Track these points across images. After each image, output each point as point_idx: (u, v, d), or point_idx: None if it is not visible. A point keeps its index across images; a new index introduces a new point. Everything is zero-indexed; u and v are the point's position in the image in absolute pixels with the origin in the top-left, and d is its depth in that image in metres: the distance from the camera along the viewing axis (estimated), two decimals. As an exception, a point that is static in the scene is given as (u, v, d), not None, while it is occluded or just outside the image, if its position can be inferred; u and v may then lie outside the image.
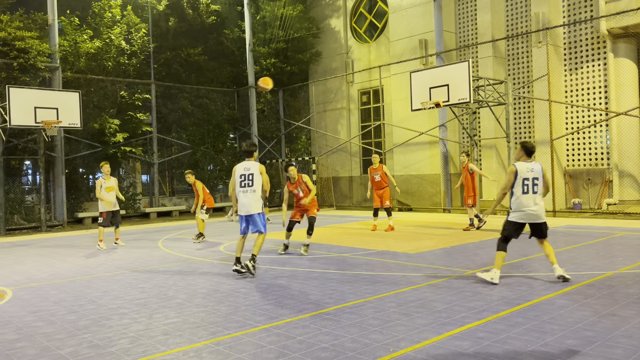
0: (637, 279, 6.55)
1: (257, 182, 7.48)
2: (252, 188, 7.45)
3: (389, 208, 12.83)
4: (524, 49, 17.28)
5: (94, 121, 18.57)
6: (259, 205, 7.48)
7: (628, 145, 15.47)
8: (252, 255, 7.56)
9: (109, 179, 11.51)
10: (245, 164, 7.59)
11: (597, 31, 15.52)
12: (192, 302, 6.17)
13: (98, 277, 8.10)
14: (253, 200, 7.46)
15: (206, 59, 22.10)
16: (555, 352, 4.06)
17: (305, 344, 4.48)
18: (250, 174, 7.49)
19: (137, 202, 20.50)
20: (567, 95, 16.38)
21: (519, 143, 6.82)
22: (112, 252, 10.80)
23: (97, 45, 18.51)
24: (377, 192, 12.77)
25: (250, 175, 7.47)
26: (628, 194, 15.59)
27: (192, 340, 4.72)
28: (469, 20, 18.62)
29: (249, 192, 7.48)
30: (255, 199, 7.46)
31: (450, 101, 14.28)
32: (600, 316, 4.97)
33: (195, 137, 21.90)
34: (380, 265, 8.16)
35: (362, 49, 21.53)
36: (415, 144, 18.78)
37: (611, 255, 8.23)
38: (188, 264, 8.98)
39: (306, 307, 5.72)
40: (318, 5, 23.03)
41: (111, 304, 6.24)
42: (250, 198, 7.46)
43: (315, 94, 23.09)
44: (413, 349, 4.25)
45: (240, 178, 7.55)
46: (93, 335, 5.02)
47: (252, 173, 7.49)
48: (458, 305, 5.55)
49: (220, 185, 23.74)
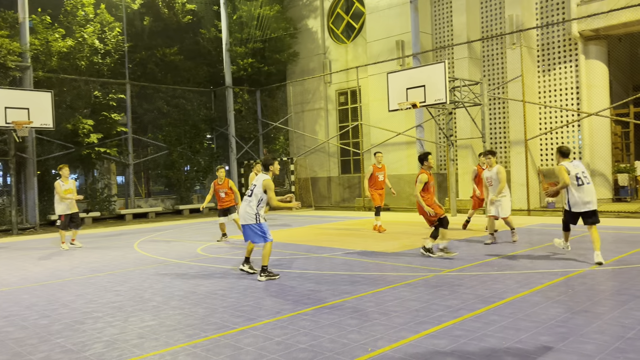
0: (608, 276, 6.70)
1: (255, 195, 7.36)
2: (249, 199, 7.37)
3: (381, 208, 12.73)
4: (499, 51, 17.54)
5: (66, 121, 18.22)
6: (252, 216, 7.28)
7: (599, 145, 15.83)
8: (262, 267, 7.32)
9: (67, 182, 11.60)
10: (258, 176, 7.56)
11: (569, 33, 15.84)
12: (169, 305, 6.09)
13: (71, 280, 7.94)
14: (245, 210, 7.35)
15: (182, 58, 21.88)
16: (529, 349, 4.13)
17: (283, 345, 4.47)
18: (254, 185, 7.46)
19: (112, 204, 20.18)
20: (540, 96, 16.68)
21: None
22: (86, 255, 10.61)
23: (69, 44, 18.16)
24: (379, 192, 12.54)
25: (253, 186, 7.44)
26: (599, 192, 15.91)
27: (168, 344, 4.66)
28: (444, 21, 18.82)
29: (245, 202, 7.41)
30: (248, 209, 7.31)
31: (426, 102, 14.40)
32: (573, 313, 5.06)
33: (172, 138, 21.66)
34: (359, 265, 8.18)
35: (339, 50, 21.58)
36: (393, 144, 18.90)
37: (583, 252, 8.40)
38: (164, 266, 8.87)
39: (284, 308, 5.70)
40: (295, 6, 23.00)
41: (85, 308, 6.12)
42: (244, 208, 7.38)
43: (293, 94, 23.06)
44: (391, 348, 4.27)
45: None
46: (66, 340, 4.92)
47: (255, 185, 7.44)
48: (435, 304, 5.60)
49: (197, 186, 23.53)
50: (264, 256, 7.30)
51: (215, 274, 7.94)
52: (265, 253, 7.30)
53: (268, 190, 7.29)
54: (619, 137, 17.37)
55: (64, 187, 11.54)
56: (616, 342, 4.20)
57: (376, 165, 12.61)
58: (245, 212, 7.33)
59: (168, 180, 22.39)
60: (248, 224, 7.33)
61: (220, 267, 8.47)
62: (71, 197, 11.51)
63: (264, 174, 7.47)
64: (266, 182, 7.29)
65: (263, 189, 7.31)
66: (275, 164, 7.66)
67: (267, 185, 7.29)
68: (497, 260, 8.06)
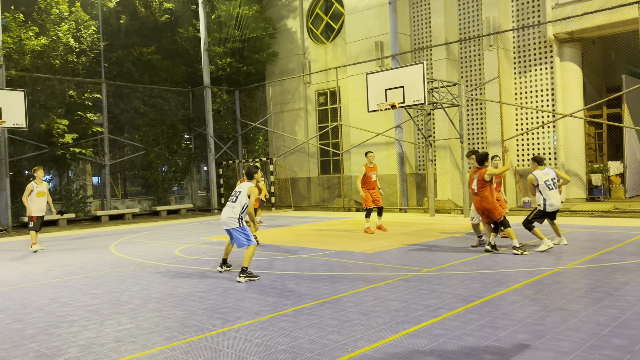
0: (583, 274, 6.82)
1: (239, 201, 7.59)
2: (233, 204, 7.60)
3: (382, 208, 12.54)
4: (476, 52, 17.76)
5: (40, 121, 17.85)
6: (234, 220, 7.51)
7: (573, 145, 16.14)
8: (242, 267, 7.34)
9: (41, 184, 11.60)
10: (242, 184, 7.88)
11: (545, 36, 16.12)
12: (146, 307, 6.01)
13: (46, 283, 7.77)
14: (228, 215, 7.56)
15: (160, 58, 21.64)
16: (507, 347, 4.17)
17: (263, 347, 4.44)
18: (239, 192, 7.72)
19: (87, 205, 19.84)
20: (517, 97, 16.93)
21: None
22: (60, 257, 10.40)
23: (43, 43, 17.80)
24: (371, 192, 12.23)
25: (238, 193, 7.69)
26: (574, 192, 16.27)
27: (146, 347, 4.58)
28: (423, 23, 18.97)
29: (228, 208, 7.63)
30: (231, 214, 7.54)
31: (405, 102, 14.49)
32: (549, 311, 5.14)
33: (149, 138, 21.39)
34: (339, 265, 8.19)
35: (318, 50, 21.59)
36: (372, 144, 18.97)
37: (559, 251, 8.54)
38: (142, 268, 8.75)
39: (264, 310, 5.66)
40: (274, 6, 22.94)
41: (60, 312, 6.00)
42: (227, 213, 7.58)
43: (273, 94, 22.99)
44: (371, 348, 4.27)
45: (232, 194, 7.85)
46: (40, 344, 4.81)
47: (240, 191, 7.70)
48: (414, 303, 5.63)
49: (174, 187, 23.28)
50: (245, 258, 7.34)
51: (194, 275, 7.86)
52: (247, 255, 7.36)
53: (252, 196, 7.61)
54: (592, 138, 17.75)
55: (37, 190, 11.45)
56: (591, 339, 4.28)
57: (368, 165, 12.29)
58: (229, 217, 7.54)
59: (145, 181, 22.10)
60: (233, 228, 7.53)
61: (198, 269, 8.39)
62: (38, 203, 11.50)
63: (249, 182, 7.87)
64: (252, 189, 7.64)
65: (248, 194, 7.59)
66: (259, 172, 8.17)
67: (253, 192, 7.63)
68: (476, 259, 8.14)
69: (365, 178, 12.20)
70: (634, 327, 4.53)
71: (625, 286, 6.00)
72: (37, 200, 11.52)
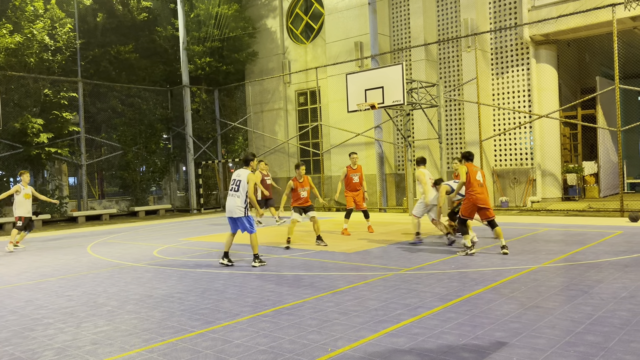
0: (559, 272, 6.95)
1: (242, 189, 8.08)
2: (237, 193, 8.07)
3: (367, 210, 12.27)
4: (455, 53, 17.94)
5: (14, 120, 17.48)
6: (241, 209, 8.04)
7: (549, 146, 16.42)
8: (255, 255, 8.23)
9: (27, 187, 12.11)
10: (238, 171, 8.32)
11: (521, 38, 16.37)
12: (124, 309, 5.93)
13: (20, 285, 7.62)
14: (235, 205, 8.06)
15: (137, 56, 21.36)
16: (485, 345, 4.23)
17: (242, 348, 4.42)
18: (238, 180, 8.15)
19: (63, 206, 19.50)
20: (494, 98, 17.16)
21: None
22: (35, 259, 10.20)
23: (17, 40, 17.42)
24: (353, 194, 11.99)
25: (239, 182, 8.12)
26: (550, 192, 16.55)
27: (123, 349, 4.53)
28: (402, 24, 19.10)
29: (233, 197, 8.10)
30: (238, 203, 8.05)
31: (385, 103, 14.58)
32: (526, 308, 5.22)
33: (127, 138, 21.11)
34: (318, 265, 8.19)
35: (298, 50, 21.57)
36: (352, 144, 19.02)
37: (535, 250, 8.68)
38: (119, 269, 8.63)
39: (243, 310, 5.64)
40: (254, 5, 22.84)
41: (35, 314, 5.88)
42: (234, 202, 8.07)
43: (252, 94, 22.90)
44: (350, 348, 4.29)
45: (231, 183, 8.29)
46: (15, 347, 4.71)
47: (240, 180, 8.12)
48: (394, 302, 5.67)
49: (153, 187, 23.03)
50: (254, 246, 8.19)
51: (172, 276, 7.79)
52: (254, 243, 8.18)
53: (250, 182, 8.04)
54: (567, 139, 18.09)
55: (23, 192, 11.95)
56: (566, 336, 4.36)
57: (351, 167, 12.07)
58: (236, 206, 8.05)
59: (123, 182, 21.80)
60: (239, 217, 8.08)
61: (177, 270, 8.32)
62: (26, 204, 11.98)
63: (245, 169, 8.25)
64: (251, 176, 8.09)
65: (247, 181, 8.05)
66: (255, 160, 8.42)
67: (252, 178, 8.09)
68: (454, 258, 8.23)
69: (346, 179, 12.11)
70: (608, 324, 4.63)
71: (599, 284, 6.13)
72: (24, 202, 11.89)
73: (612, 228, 11.07)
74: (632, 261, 7.39)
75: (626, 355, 3.88)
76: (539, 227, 11.69)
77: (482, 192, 8.52)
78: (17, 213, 11.88)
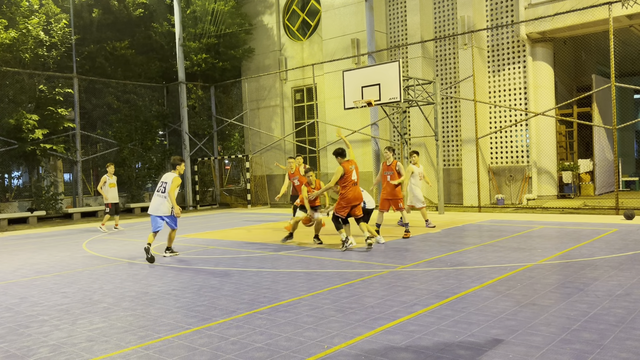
0: (554, 269, 6.97)
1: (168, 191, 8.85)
2: (164, 194, 8.88)
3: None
4: (451, 51, 17.94)
5: (9, 116, 17.38)
6: (168, 208, 8.87)
7: (545, 143, 16.45)
8: (167, 247, 9.27)
9: (112, 177, 14.12)
10: (167, 174, 9.08)
11: (518, 35, 16.38)
12: (120, 306, 5.91)
13: (15, 282, 7.58)
14: (161, 203, 8.89)
15: (133, 53, 21.28)
16: (481, 342, 4.24)
17: (239, 345, 4.41)
18: (166, 182, 8.94)
19: (58, 203, 19.42)
20: (490, 95, 17.17)
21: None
22: (30, 256, 10.16)
23: (12, 36, 17.31)
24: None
25: (165, 184, 8.92)
26: (545, 189, 16.60)
27: (119, 346, 4.51)
28: (399, 21, 19.08)
29: (161, 197, 8.91)
30: (166, 203, 8.87)
31: (381, 100, 14.56)
32: (522, 306, 5.24)
33: (122, 134, 21.02)
34: (315, 262, 8.19)
35: (295, 47, 21.53)
36: (349, 141, 19.02)
37: (531, 247, 8.71)
38: (115, 266, 8.61)
39: (240, 307, 5.63)
40: (250, 2, 22.77)
41: (30, 311, 5.86)
42: (160, 202, 8.90)
43: (249, 91, 22.85)
44: (347, 345, 4.29)
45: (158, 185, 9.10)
46: (9, 344, 4.69)
47: (166, 182, 8.91)
48: (390, 300, 5.67)
49: (148, 184, 22.96)
50: (171, 240, 9.17)
51: (168, 273, 7.78)
52: (172, 237, 9.17)
53: (173, 184, 8.80)
54: (563, 137, 18.14)
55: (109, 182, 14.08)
56: (562, 333, 4.37)
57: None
58: (163, 205, 8.85)
59: (118, 178, 21.68)
60: (167, 215, 8.89)
61: (173, 267, 8.30)
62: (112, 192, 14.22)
63: (173, 172, 9.05)
64: (176, 179, 8.88)
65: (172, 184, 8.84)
66: (182, 165, 9.14)
67: (176, 181, 8.85)
68: (450, 256, 8.24)
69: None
70: (603, 321, 4.65)
71: (594, 281, 6.15)
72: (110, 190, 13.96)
73: (608, 226, 11.11)
74: (628, 259, 7.42)
75: (621, 352, 3.90)
76: (535, 225, 11.72)
77: (356, 189, 9.13)
78: (106, 200, 13.82)
